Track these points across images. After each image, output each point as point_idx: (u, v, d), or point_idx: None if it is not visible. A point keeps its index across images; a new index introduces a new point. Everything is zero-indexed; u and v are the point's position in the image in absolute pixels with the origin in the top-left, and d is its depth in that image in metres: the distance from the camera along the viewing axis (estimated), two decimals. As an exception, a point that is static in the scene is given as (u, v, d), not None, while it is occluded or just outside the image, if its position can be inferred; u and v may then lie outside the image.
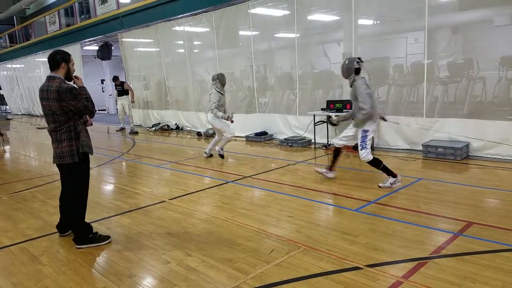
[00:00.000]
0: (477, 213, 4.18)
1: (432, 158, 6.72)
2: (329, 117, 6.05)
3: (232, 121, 7.47)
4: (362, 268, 3.07)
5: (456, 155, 6.48)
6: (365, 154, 5.18)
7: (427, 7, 6.84)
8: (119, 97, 12.89)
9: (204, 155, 7.93)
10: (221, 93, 7.35)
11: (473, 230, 3.71)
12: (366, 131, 5.17)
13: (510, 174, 5.63)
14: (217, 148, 7.71)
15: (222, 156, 7.62)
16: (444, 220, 4.03)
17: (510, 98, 6.63)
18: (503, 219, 3.94)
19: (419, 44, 8.00)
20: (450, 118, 6.92)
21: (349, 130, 5.46)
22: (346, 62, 5.23)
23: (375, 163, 5.22)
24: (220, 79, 7.34)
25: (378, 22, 8.44)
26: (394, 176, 5.17)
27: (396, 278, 2.90)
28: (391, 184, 5.15)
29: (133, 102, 13.08)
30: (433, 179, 5.53)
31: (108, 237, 3.91)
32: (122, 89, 12.75)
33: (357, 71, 5.17)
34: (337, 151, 5.69)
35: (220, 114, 7.23)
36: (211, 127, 10.97)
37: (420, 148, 7.02)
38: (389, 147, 7.67)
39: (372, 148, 7.65)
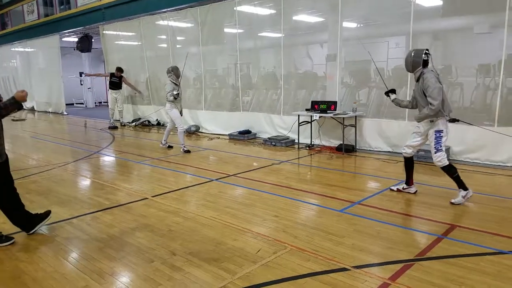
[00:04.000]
0: (459, 216, 4.26)
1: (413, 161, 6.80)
2: (391, 91, 5.26)
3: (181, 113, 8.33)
4: (349, 269, 3.07)
5: (437, 159, 6.57)
6: (441, 158, 4.66)
7: (413, 12, 6.92)
8: (113, 90, 12.40)
9: (161, 145, 8.52)
10: (176, 84, 8.02)
11: (456, 233, 3.76)
12: (439, 131, 4.63)
13: (489, 179, 5.77)
14: (181, 149, 8.11)
15: (188, 151, 8.02)
16: (427, 222, 4.08)
17: (487, 104, 6.79)
18: (485, 223, 4.01)
19: (400, 48, 8.14)
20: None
21: (416, 135, 4.94)
22: (412, 54, 4.65)
23: (450, 169, 4.70)
24: (174, 72, 8.04)
25: (362, 25, 8.51)
26: (466, 188, 4.64)
27: (383, 280, 2.91)
28: (463, 197, 4.60)
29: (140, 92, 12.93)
30: (415, 182, 5.58)
31: (11, 239, 3.76)
32: (118, 82, 12.40)
33: (425, 63, 4.63)
34: (407, 161, 5.12)
35: (171, 98, 7.89)
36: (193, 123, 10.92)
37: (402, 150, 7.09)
38: (371, 149, 7.74)
39: (354, 150, 7.76)
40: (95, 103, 21.43)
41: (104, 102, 21.77)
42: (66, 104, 17.47)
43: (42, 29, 16.94)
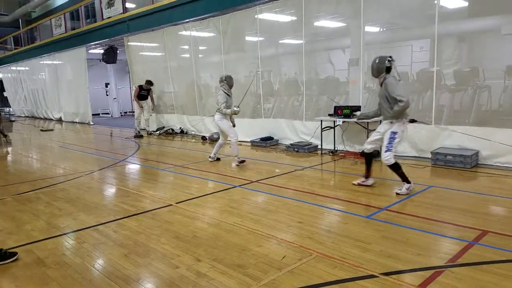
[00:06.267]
0: (491, 222, 4.10)
1: (441, 165, 6.64)
2: (353, 110, 6.00)
3: (234, 124, 7.58)
4: (378, 276, 2.99)
5: (466, 163, 6.40)
6: (389, 157, 5.05)
7: (437, 14, 6.78)
8: (142, 101, 12.67)
9: (210, 159, 7.89)
10: (228, 95, 7.36)
11: (488, 239, 3.62)
12: (395, 133, 5.01)
13: (521, 183, 5.55)
14: (233, 164, 7.51)
15: (243, 161, 7.46)
16: (457, 228, 3.95)
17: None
18: (518, 228, 3.86)
19: (424, 52, 7.97)
20: (458, 125, 6.84)
21: (376, 134, 5.36)
22: (377, 61, 5.06)
23: (395, 167, 5.13)
24: (227, 81, 7.35)
25: (384, 29, 8.38)
26: (409, 182, 5.11)
27: (414, 287, 2.82)
28: (407, 189, 5.05)
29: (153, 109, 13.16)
30: (443, 187, 5.45)
31: (15, 254, 3.63)
32: (147, 95, 12.71)
33: (388, 69, 5.01)
34: (368, 157, 5.56)
35: (228, 111, 7.22)
36: (216, 130, 10.97)
37: (429, 155, 6.94)
38: (397, 154, 7.51)
39: (379, 155, 7.59)
40: (121, 113, 21.89)
41: (129, 112, 22.23)
42: (93, 115, 17.92)
43: (69, 42, 17.48)
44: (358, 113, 5.97)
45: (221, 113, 7.30)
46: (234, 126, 7.55)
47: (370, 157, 5.55)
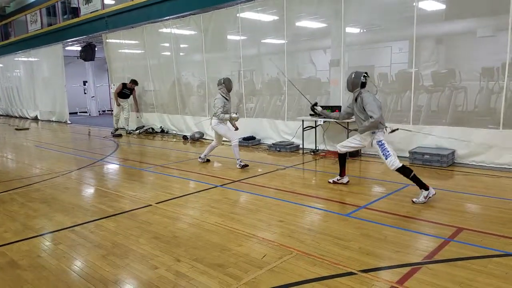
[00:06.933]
0: (466, 219, 4.20)
1: (418, 164, 6.77)
2: (315, 104, 5.84)
3: (236, 128, 7.36)
4: (356, 274, 3.03)
5: (442, 162, 6.54)
6: (393, 162, 4.86)
7: (416, 17, 6.90)
8: (122, 99, 12.50)
9: (200, 160, 7.70)
10: (226, 99, 7.05)
11: (463, 236, 3.71)
12: (380, 141, 4.99)
13: (495, 181, 5.71)
14: (237, 165, 7.10)
15: (246, 166, 7.04)
16: (434, 225, 4.03)
17: (491, 108, 6.75)
18: (491, 225, 3.96)
19: (403, 53, 8.13)
20: (436, 125, 6.99)
21: (354, 141, 5.40)
22: (353, 76, 5.11)
23: (404, 171, 4.86)
24: (226, 84, 7.02)
25: (364, 30, 8.50)
26: (426, 188, 4.76)
27: (391, 284, 2.86)
28: (425, 198, 4.71)
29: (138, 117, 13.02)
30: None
31: None
32: (129, 94, 12.53)
33: (363, 85, 5.07)
34: (341, 157, 5.65)
35: (227, 116, 6.97)
36: (197, 129, 10.89)
37: (407, 154, 7.06)
38: (375, 153, 7.66)
39: (359, 154, 7.72)
40: (99, 111, 21.51)
41: (108, 110, 21.86)
42: (70, 113, 17.54)
43: (45, 39, 17.07)
44: (319, 108, 5.82)
45: (218, 118, 7.02)
46: (236, 129, 7.34)
47: (344, 157, 5.68)
